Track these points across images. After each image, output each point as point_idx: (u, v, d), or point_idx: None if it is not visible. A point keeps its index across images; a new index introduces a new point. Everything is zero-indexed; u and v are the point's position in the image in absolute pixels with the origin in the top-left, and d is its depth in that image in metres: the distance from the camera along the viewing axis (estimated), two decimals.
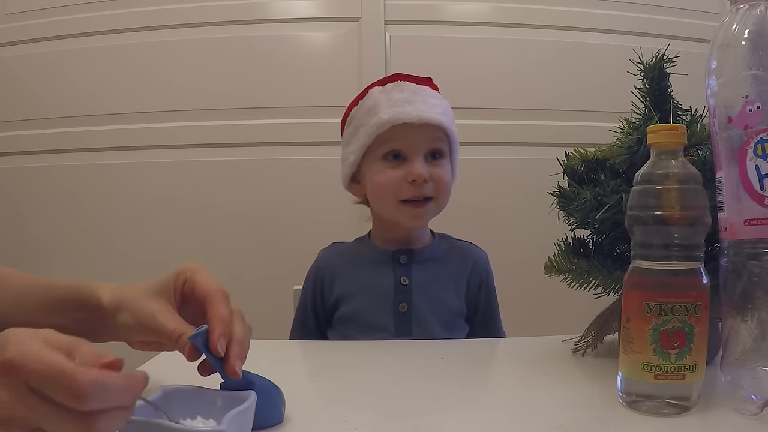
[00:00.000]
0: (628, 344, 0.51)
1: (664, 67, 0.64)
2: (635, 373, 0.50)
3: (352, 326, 0.92)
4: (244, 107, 1.74)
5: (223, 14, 1.75)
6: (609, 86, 1.53)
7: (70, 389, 0.32)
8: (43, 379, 0.32)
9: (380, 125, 0.87)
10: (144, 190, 1.74)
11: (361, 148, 0.90)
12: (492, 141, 1.73)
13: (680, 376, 0.48)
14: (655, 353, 0.48)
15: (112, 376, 0.34)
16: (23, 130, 1.80)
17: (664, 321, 0.48)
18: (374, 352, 0.79)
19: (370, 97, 0.91)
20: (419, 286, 0.91)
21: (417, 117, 0.86)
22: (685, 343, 0.48)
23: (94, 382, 0.33)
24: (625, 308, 0.52)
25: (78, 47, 1.78)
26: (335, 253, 0.99)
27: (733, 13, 0.50)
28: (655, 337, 0.48)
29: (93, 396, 0.32)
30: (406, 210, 0.89)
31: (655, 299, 0.48)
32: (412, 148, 0.88)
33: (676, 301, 0.48)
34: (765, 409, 0.46)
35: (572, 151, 0.71)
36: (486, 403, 0.56)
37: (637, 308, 0.50)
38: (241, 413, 0.40)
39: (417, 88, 0.91)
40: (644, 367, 0.49)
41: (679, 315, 0.48)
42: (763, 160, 0.47)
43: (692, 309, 0.48)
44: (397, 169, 0.88)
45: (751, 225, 0.48)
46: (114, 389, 0.34)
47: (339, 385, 0.63)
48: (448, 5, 1.78)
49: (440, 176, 0.89)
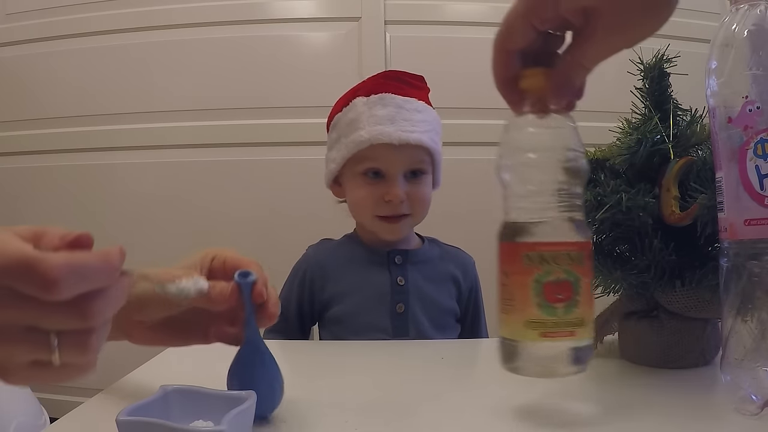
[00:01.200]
0: (507, 302, 0.45)
1: (664, 67, 0.64)
2: (519, 333, 0.44)
3: (346, 327, 0.90)
4: (244, 107, 1.74)
5: (223, 14, 1.75)
6: (609, 86, 1.53)
7: (37, 279, 0.29)
8: (10, 274, 0.29)
9: (360, 143, 0.87)
10: (144, 190, 1.74)
11: (342, 159, 0.90)
12: (492, 141, 1.73)
13: (569, 332, 0.43)
14: (540, 308, 0.43)
15: (81, 255, 0.31)
16: (23, 130, 1.80)
17: (546, 272, 0.43)
18: (374, 352, 0.79)
19: (353, 108, 0.90)
20: (415, 286, 0.91)
21: (397, 138, 0.85)
22: (572, 295, 0.43)
23: (61, 266, 0.29)
24: (501, 263, 0.46)
25: (78, 47, 1.78)
26: (326, 250, 0.98)
27: (733, 13, 0.49)
28: (539, 289, 0.43)
29: (64, 282, 0.29)
30: (382, 224, 0.90)
31: (536, 249, 0.43)
32: (391, 168, 0.88)
33: (558, 249, 0.43)
34: (765, 409, 0.46)
35: None
36: (486, 403, 0.56)
37: (515, 261, 0.44)
38: (241, 413, 0.40)
39: (402, 101, 0.89)
40: (529, 324, 0.43)
41: (563, 264, 0.43)
42: (763, 160, 0.47)
43: (577, 258, 0.43)
44: (375, 187, 0.89)
45: (751, 225, 0.48)
46: (86, 269, 0.31)
47: (339, 385, 0.62)
48: (448, 5, 1.78)
49: (418, 194, 0.90)
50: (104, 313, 0.32)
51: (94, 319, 0.32)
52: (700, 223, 0.55)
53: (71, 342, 0.32)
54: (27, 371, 0.32)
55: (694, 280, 0.57)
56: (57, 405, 0.98)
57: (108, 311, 0.33)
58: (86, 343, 0.33)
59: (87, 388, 0.66)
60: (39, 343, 0.31)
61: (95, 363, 0.35)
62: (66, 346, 0.32)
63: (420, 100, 0.91)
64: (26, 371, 0.32)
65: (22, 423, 0.98)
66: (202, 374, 0.50)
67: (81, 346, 0.32)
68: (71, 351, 0.32)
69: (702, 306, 0.59)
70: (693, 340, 0.62)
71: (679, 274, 0.57)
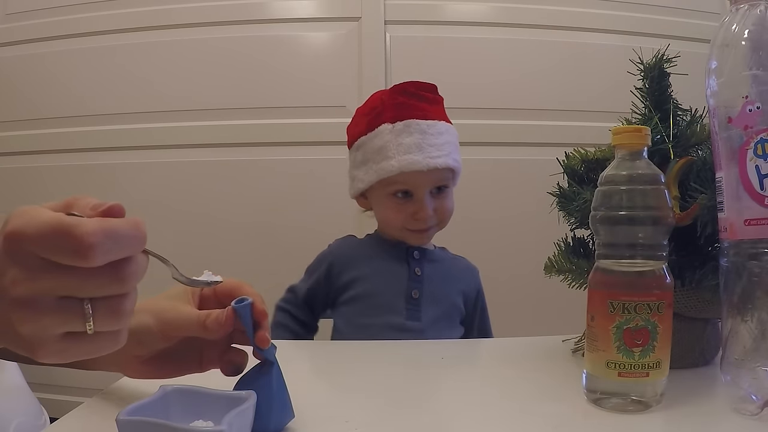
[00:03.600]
0: (592, 342, 0.51)
1: (664, 67, 0.64)
2: (600, 371, 0.50)
3: (362, 306, 0.95)
4: (244, 107, 1.74)
5: (223, 14, 1.75)
6: (609, 86, 1.53)
7: (73, 244, 0.29)
8: (45, 242, 0.30)
9: (390, 171, 0.93)
10: (144, 190, 1.74)
11: (371, 182, 0.96)
12: (492, 141, 1.73)
13: (644, 373, 0.49)
14: (619, 351, 0.49)
15: (114, 221, 0.31)
16: (23, 130, 1.80)
17: (627, 319, 0.49)
18: (374, 352, 0.79)
19: (379, 135, 0.95)
20: (430, 279, 0.97)
21: (425, 165, 0.92)
22: (649, 341, 0.48)
23: (96, 231, 0.30)
24: (589, 307, 0.52)
25: (78, 47, 1.78)
26: (350, 243, 1.05)
27: (733, 13, 0.49)
28: (619, 335, 0.49)
29: (99, 246, 0.30)
30: (412, 234, 0.98)
31: (619, 298, 0.49)
32: (419, 188, 0.95)
33: (639, 300, 0.49)
34: (765, 409, 0.46)
35: (572, 151, 0.71)
36: (486, 403, 0.56)
37: (600, 307, 0.50)
38: (241, 413, 0.40)
39: (426, 126, 0.94)
40: (608, 364, 0.49)
41: (642, 313, 0.48)
42: (763, 160, 0.47)
43: (655, 308, 0.49)
44: (404, 206, 0.96)
45: (751, 225, 0.48)
46: (119, 235, 0.31)
47: (339, 385, 0.62)
48: (448, 5, 1.78)
49: (443, 207, 0.97)
50: (136, 277, 0.33)
51: (128, 282, 0.32)
52: (700, 223, 0.55)
53: (105, 308, 0.32)
54: (59, 344, 0.32)
55: (694, 280, 0.57)
56: (57, 405, 0.98)
57: (138, 277, 0.33)
58: (120, 308, 0.33)
59: (87, 388, 0.66)
60: (73, 312, 0.31)
61: (126, 336, 0.35)
62: (100, 313, 0.32)
63: (440, 119, 0.97)
64: (58, 344, 0.32)
65: (22, 423, 0.98)
66: (202, 374, 0.50)
67: (115, 313, 0.33)
68: (105, 318, 0.32)
69: (702, 306, 0.59)
70: (693, 340, 0.62)
71: (679, 274, 0.57)
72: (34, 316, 0.31)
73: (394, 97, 0.97)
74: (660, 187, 0.51)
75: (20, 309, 0.31)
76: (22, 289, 0.30)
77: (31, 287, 0.30)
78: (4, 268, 0.31)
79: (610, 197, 0.51)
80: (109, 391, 0.57)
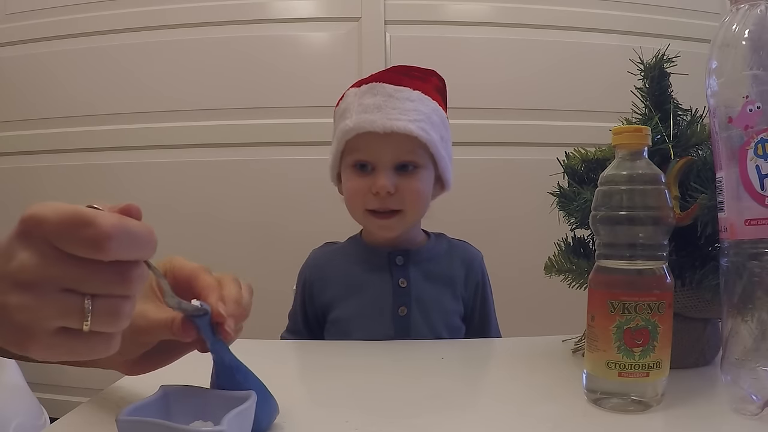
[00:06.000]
0: (592, 342, 0.51)
1: (664, 67, 0.64)
2: (600, 371, 0.50)
3: (346, 329, 0.89)
4: (243, 107, 1.74)
5: (223, 14, 1.75)
6: (609, 86, 1.53)
7: (91, 234, 0.30)
8: (63, 229, 0.30)
9: (346, 132, 0.84)
10: (143, 190, 1.74)
11: (336, 152, 0.88)
12: (492, 141, 1.73)
13: (644, 373, 0.49)
14: (619, 351, 0.49)
15: (131, 220, 0.32)
16: (23, 130, 1.80)
17: (627, 319, 0.49)
18: (374, 352, 0.79)
19: (345, 99, 0.89)
20: (417, 288, 0.89)
21: (381, 126, 0.81)
22: (649, 341, 0.49)
23: (115, 225, 0.30)
24: (589, 306, 0.52)
25: (78, 47, 1.78)
26: (325, 254, 0.97)
27: (733, 13, 0.49)
28: (619, 335, 0.49)
29: (115, 240, 0.30)
30: (373, 220, 0.87)
31: (619, 298, 0.49)
32: (378, 159, 0.84)
33: (639, 299, 0.49)
34: (765, 409, 0.46)
35: (572, 151, 0.71)
36: (486, 403, 0.56)
37: (601, 306, 0.50)
38: (241, 413, 0.40)
39: (393, 90, 0.84)
40: (608, 364, 0.49)
41: (643, 313, 0.48)
42: (763, 160, 0.47)
43: (656, 308, 0.49)
44: (363, 179, 0.85)
45: (751, 225, 0.48)
46: (134, 234, 0.32)
47: (339, 385, 0.62)
48: (448, 5, 1.78)
49: (409, 188, 0.85)
50: (140, 282, 0.33)
51: (132, 285, 0.33)
52: (700, 223, 0.55)
53: (105, 308, 0.32)
54: (51, 338, 0.32)
55: (694, 280, 0.57)
56: (57, 405, 0.98)
57: (142, 283, 0.33)
58: (119, 310, 0.33)
59: (87, 388, 0.66)
60: (72, 307, 0.32)
61: (118, 343, 0.35)
62: (99, 312, 0.32)
63: (417, 89, 0.86)
64: (50, 338, 0.32)
65: (22, 423, 0.98)
66: (202, 374, 0.50)
67: (114, 314, 0.33)
68: (103, 318, 0.32)
69: (702, 306, 0.59)
70: (693, 340, 0.62)
71: (679, 274, 0.57)
72: (34, 303, 0.31)
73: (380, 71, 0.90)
74: (660, 187, 0.51)
75: (22, 293, 0.31)
76: (29, 274, 0.31)
77: (38, 273, 0.31)
78: (14, 251, 0.31)
79: (610, 197, 0.51)
80: (109, 391, 0.57)
